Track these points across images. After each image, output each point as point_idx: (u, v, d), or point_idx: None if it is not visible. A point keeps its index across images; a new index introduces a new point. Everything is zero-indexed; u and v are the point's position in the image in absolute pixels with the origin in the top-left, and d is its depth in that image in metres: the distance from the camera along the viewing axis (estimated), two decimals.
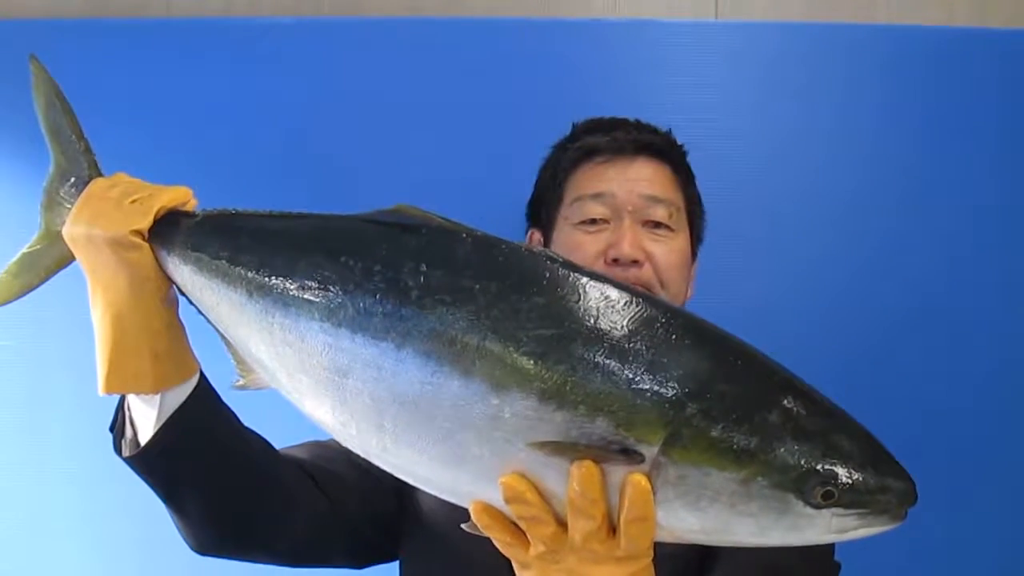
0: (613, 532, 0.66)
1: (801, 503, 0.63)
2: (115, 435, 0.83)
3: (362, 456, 0.73)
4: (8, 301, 0.83)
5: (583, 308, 0.66)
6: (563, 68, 1.45)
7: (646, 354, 0.64)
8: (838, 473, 0.63)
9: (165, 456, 0.80)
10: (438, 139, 1.44)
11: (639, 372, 0.63)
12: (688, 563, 0.88)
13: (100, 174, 0.83)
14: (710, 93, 1.45)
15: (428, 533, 0.96)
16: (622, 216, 0.99)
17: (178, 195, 0.79)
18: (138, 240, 0.76)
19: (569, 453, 0.63)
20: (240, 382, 0.80)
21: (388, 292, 0.68)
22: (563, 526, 0.66)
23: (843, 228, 1.45)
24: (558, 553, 0.67)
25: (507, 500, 0.66)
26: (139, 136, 1.41)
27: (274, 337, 0.72)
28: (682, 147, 1.07)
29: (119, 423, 0.82)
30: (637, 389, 0.63)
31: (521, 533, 0.68)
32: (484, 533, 0.69)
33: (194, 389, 0.81)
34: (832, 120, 1.46)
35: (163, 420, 0.79)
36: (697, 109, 1.44)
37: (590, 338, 0.64)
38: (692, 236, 1.05)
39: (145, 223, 0.76)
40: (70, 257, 0.80)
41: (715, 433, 0.63)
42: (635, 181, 1.00)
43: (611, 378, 0.63)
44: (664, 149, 1.04)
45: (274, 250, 0.74)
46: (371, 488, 0.95)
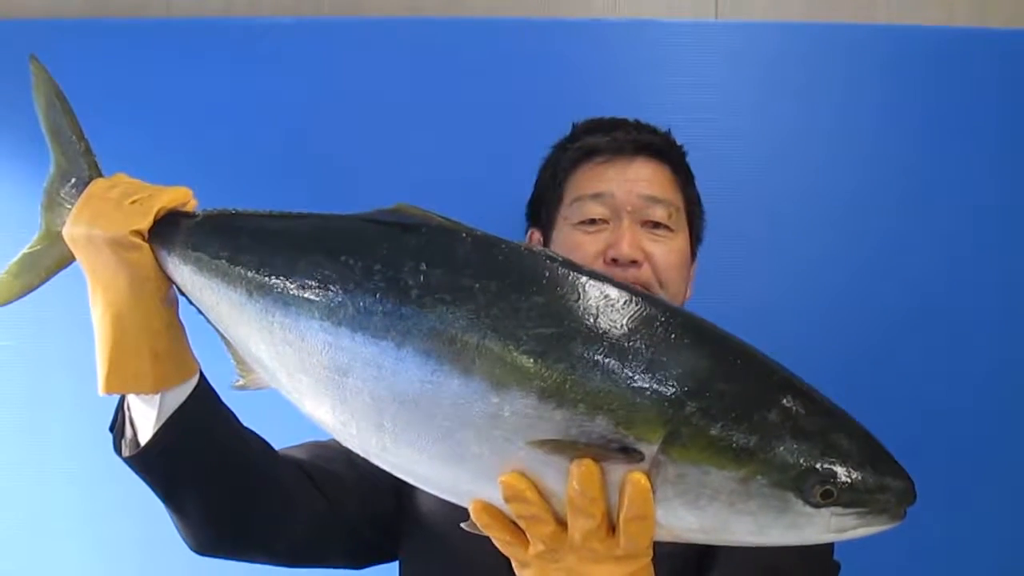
0: (612, 531, 0.66)
1: (800, 502, 0.63)
2: (115, 435, 0.83)
3: (362, 456, 0.72)
4: (8, 301, 0.84)
5: (583, 307, 0.66)
6: (563, 68, 1.45)
7: (645, 353, 0.64)
8: (837, 472, 0.63)
9: (165, 456, 0.80)
10: (438, 139, 1.44)
11: (638, 371, 0.63)
12: (687, 562, 0.88)
13: (100, 174, 0.83)
14: (710, 93, 1.45)
15: (427, 533, 0.96)
16: (621, 216, 0.99)
17: (178, 195, 0.79)
18: (138, 240, 0.76)
19: (569, 451, 0.63)
20: (240, 382, 0.81)
21: (388, 291, 0.68)
22: (562, 525, 0.66)
23: (843, 228, 1.45)
24: (557, 552, 0.67)
25: (507, 499, 0.66)
26: (139, 136, 1.41)
27: (274, 336, 0.72)
28: (681, 147, 1.07)
29: (119, 423, 0.83)
30: (636, 387, 0.63)
31: (520, 532, 0.68)
32: (483, 532, 0.69)
33: (194, 389, 0.81)
34: (832, 120, 1.46)
35: (163, 420, 0.79)
36: (697, 109, 1.44)
37: (590, 337, 0.64)
38: (691, 236, 1.05)
39: (145, 223, 0.76)
40: (70, 257, 0.80)
41: (714, 432, 0.63)
42: (634, 181, 1.00)
43: (611, 376, 0.63)
44: (663, 149, 1.04)
45: (274, 249, 0.74)
46: (370, 488, 0.95)
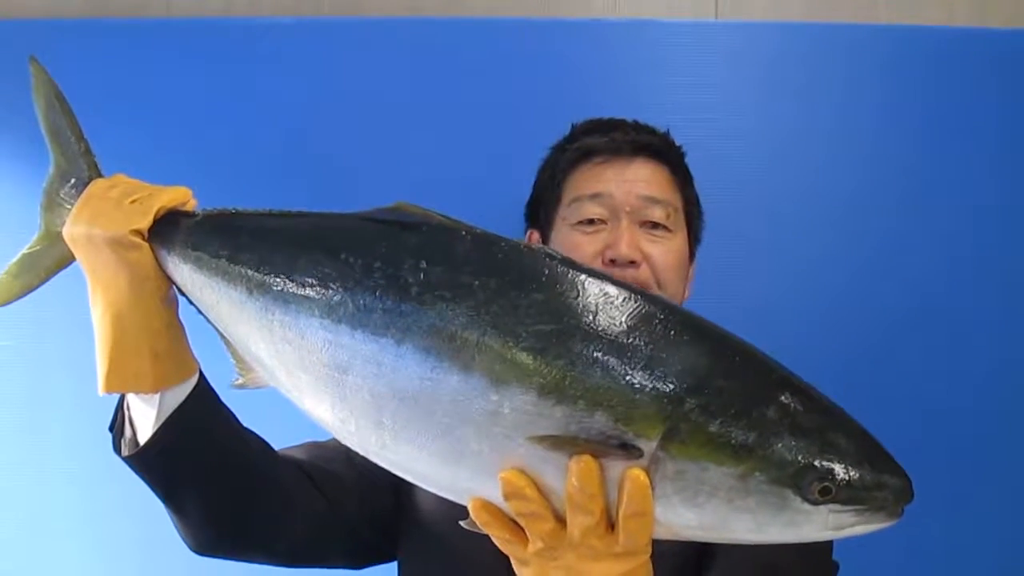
0: (611, 528, 0.66)
1: (799, 499, 0.63)
2: (114, 434, 0.83)
3: (361, 453, 0.72)
4: (8, 302, 0.84)
5: (582, 304, 0.66)
6: (563, 68, 1.45)
7: (644, 350, 0.64)
8: (835, 469, 0.63)
9: (164, 456, 0.80)
10: (438, 139, 1.44)
11: (638, 367, 0.63)
12: (687, 560, 0.88)
13: (100, 175, 0.83)
14: (710, 93, 1.45)
15: (426, 533, 0.96)
16: (620, 216, 0.99)
17: (178, 195, 0.79)
18: (138, 240, 0.76)
19: (568, 447, 0.63)
20: (239, 381, 0.80)
21: (388, 288, 0.68)
22: (562, 523, 0.66)
23: (843, 228, 1.45)
24: (556, 550, 0.67)
25: (506, 496, 0.66)
26: (139, 136, 1.41)
27: (274, 334, 0.72)
28: (680, 148, 1.07)
29: (118, 422, 0.83)
30: (636, 384, 0.63)
31: (520, 530, 0.68)
32: (483, 530, 0.69)
33: (193, 389, 0.81)
34: (832, 120, 1.46)
35: (162, 420, 0.79)
36: (697, 109, 1.44)
37: (589, 334, 0.64)
38: (690, 237, 1.05)
39: (145, 223, 0.76)
40: (70, 257, 0.80)
41: (713, 428, 0.63)
42: (633, 182, 1.00)
43: (610, 373, 0.63)
44: (662, 150, 1.04)
45: (274, 248, 0.74)
46: (369, 487, 0.95)
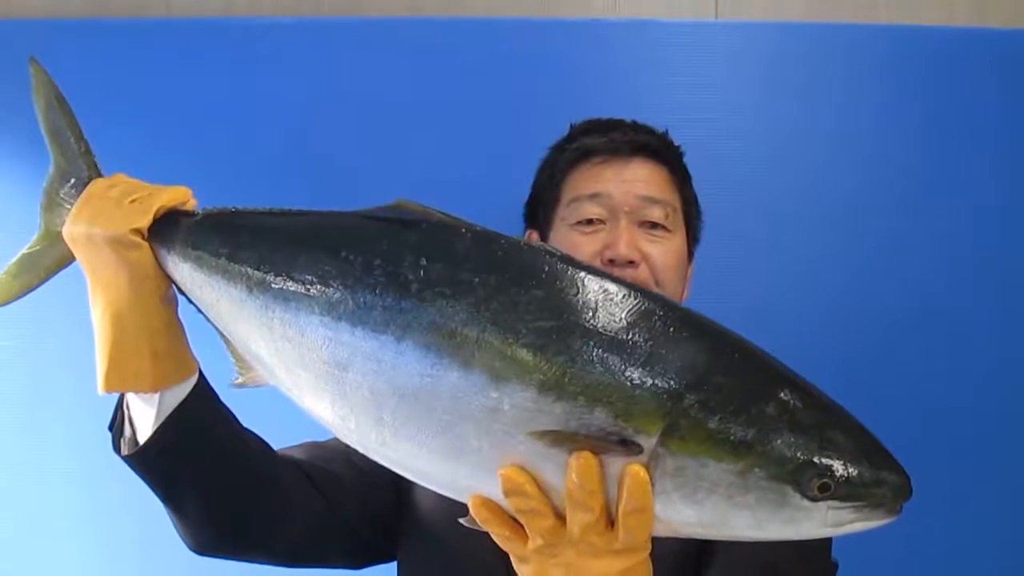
0: (611, 525, 0.66)
1: (798, 495, 0.63)
2: (114, 434, 0.83)
3: (361, 451, 0.72)
4: (8, 302, 0.84)
5: (582, 301, 0.66)
6: (563, 68, 1.45)
7: (644, 346, 0.64)
8: (834, 465, 0.63)
9: (164, 455, 0.80)
10: (438, 139, 1.44)
11: (637, 363, 0.64)
12: (687, 558, 0.88)
13: (100, 175, 0.83)
14: (710, 93, 1.45)
15: (426, 533, 0.96)
16: (618, 217, 0.99)
17: (178, 195, 0.79)
18: (138, 239, 0.76)
19: (568, 443, 0.63)
20: (239, 380, 0.80)
21: (388, 285, 0.68)
22: (561, 520, 0.66)
23: (843, 228, 1.45)
24: (556, 547, 0.67)
25: (506, 492, 0.66)
26: (139, 136, 1.41)
27: (274, 332, 0.72)
28: (679, 148, 1.07)
29: (118, 422, 0.83)
30: (635, 380, 0.63)
31: (520, 527, 0.68)
32: (483, 527, 0.69)
33: (193, 388, 0.81)
34: (832, 120, 1.46)
35: (162, 419, 0.79)
36: (697, 109, 1.44)
37: (589, 330, 0.64)
38: (688, 237, 1.05)
39: (145, 222, 0.76)
40: (70, 257, 0.80)
41: (712, 424, 0.63)
42: (631, 182, 1.00)
43: (610, 369, 0.63)
44: (660, 150, 1.04)
45: (274, 246, 0.74)
46: (369, 486, 0.95)
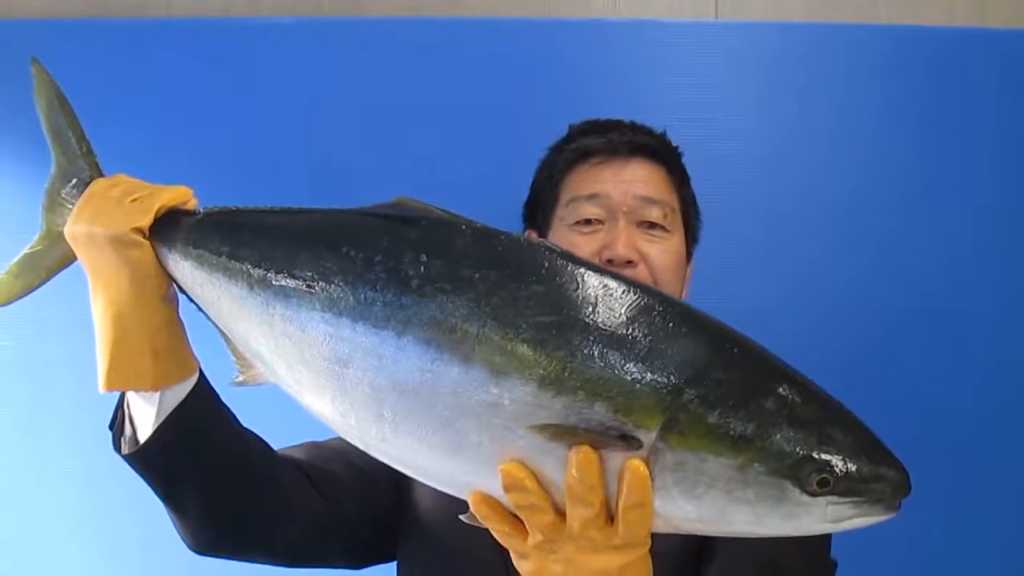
0: (611, 520, 0.66)
1: (797, 490, 0.63)
2: (114, 432, 0.83)
3: (361, 447, 0.72)
4: (9, 301, 0.84)
5: (582, 296, 0.66)
6: (563, 68, 1.45)
7: (644, 341, 0.64)
8: (834, 461, 0.63)
9: (164, 454, 0.80)
10: (438, 139, 1.44)
11: (637, 358, 0.64)
12: (687, 555, 0.88)
13: (101, 175, 0.83)
14: (710, 93, 1.45)
15: (425, 532, 0.96)
16: (617, 217, 0.99)
17: (178, 194, 0.79)
18: (139, 238, 0.76)
19: (568, 437, 0.63)
20: (239, 378, 0.81)
21: (388, 281, 0.68)
22: (561, 515, 0.66)
23: (843, 228, 1.45)
24: (556, 543, 0.68)
25: (506, 488, 0.66)
26: (139, 136, 1.41)
27: (275, 329, 0.73)
28: (677, 148, 1.07)
29: (119, 420, 0.83)
30: (635, 375, 0.63)
31: (520, 523, 0.68)
32: (483, 524, 0.69)
33: (193, 387, 0.81)
34: (832, 120, 1.46)
35: (162, 418, 0.79)
36: (697, 109, 1.44)
37: (588, 325, 0.65)
38: (687, 237, 1.05)
39: (146, 221, 0.76)
40: (71, 257, 0.80)
41: (712, 419, 0.63)
42: (630, 182, 1.00)
43: (609, 364, 0.63)
44: (659, 150, 1.04)
45: (275, 243, 0.74)
46: (368, 486, 0.95)
